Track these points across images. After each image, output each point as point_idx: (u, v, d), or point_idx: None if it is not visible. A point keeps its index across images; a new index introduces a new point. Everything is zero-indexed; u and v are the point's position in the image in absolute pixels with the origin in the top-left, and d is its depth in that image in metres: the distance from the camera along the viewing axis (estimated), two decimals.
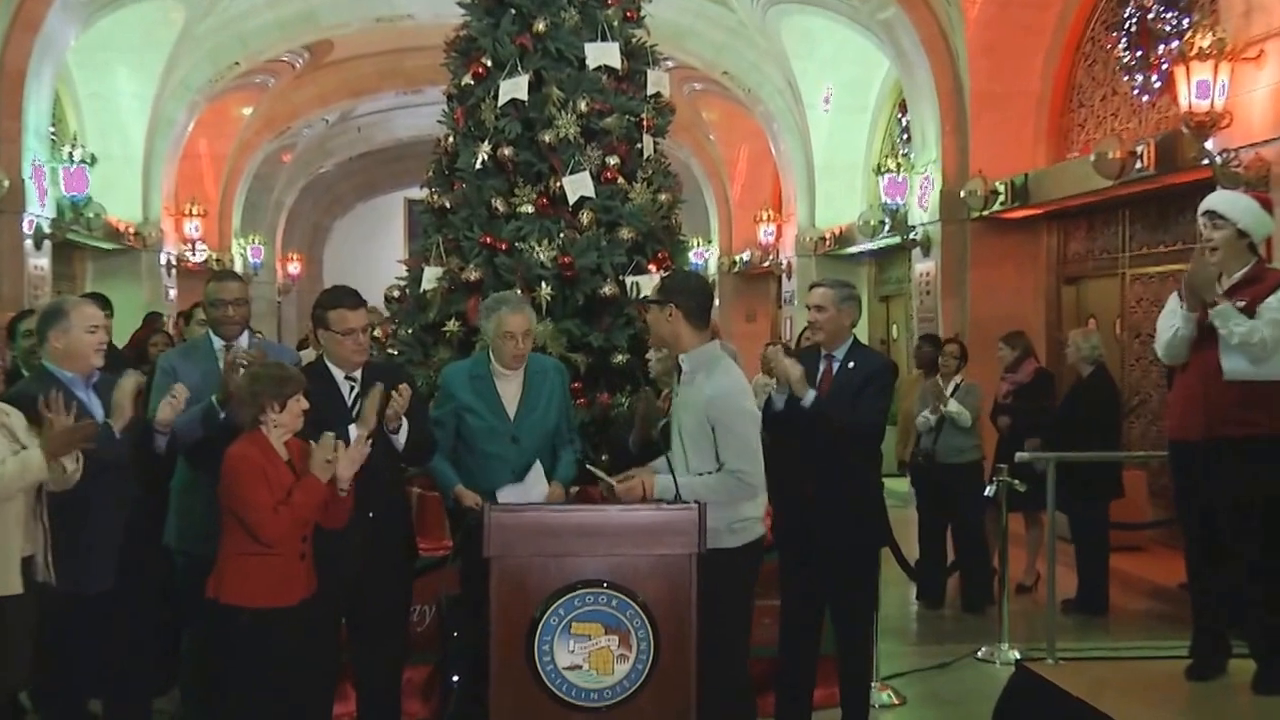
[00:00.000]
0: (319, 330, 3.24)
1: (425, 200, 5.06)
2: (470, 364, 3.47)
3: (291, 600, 2.85)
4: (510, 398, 3.37)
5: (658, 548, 2.73)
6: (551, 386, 3.43)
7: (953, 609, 5.87)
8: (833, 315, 3.63)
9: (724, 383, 3.00)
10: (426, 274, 4.80)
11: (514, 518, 2.76)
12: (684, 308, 3.05)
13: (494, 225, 4.75)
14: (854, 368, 3.58)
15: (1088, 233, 8.32)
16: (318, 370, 3.26)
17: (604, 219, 4.76)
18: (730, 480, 2.94)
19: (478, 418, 3.34)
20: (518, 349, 3.34)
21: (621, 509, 2.82)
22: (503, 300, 3.43)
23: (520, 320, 3.34)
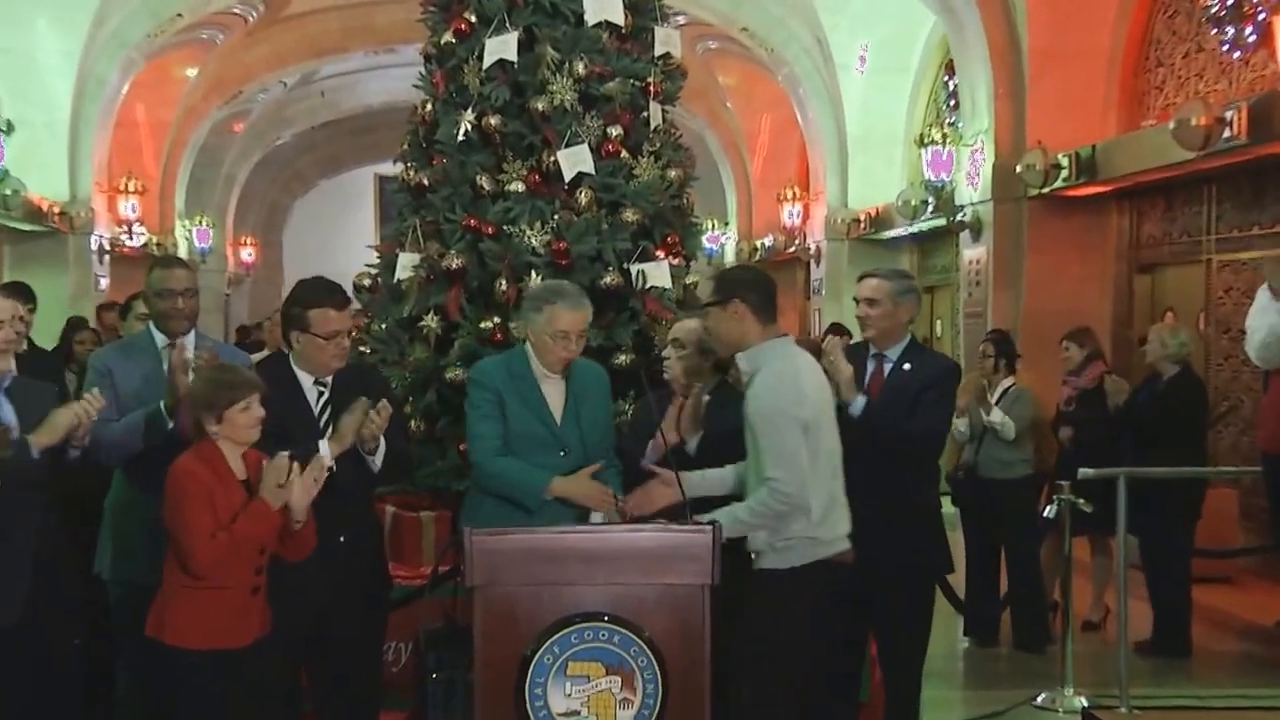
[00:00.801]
0: (293, 331, 3.24)
1: (400, 177, 5.10)
2: (505, 360, 3.37)
3: (244, 641, 2.85)
4: (555, 404, 3.30)
5: (666, 576, 2.75)
6: (597, 392, 3.38)
7: (1006, 647, 5.88)
8: (887, 310, 3.62)
9: (767, 380, 3.04)
10: (401, 261, 4.84)
11: (500, 541, 2.78)
12: (750, 302, 3.10)
13: (478, 206, 4.78)
14: (911, 370, 3.58)
15: (1165, 213, 8.32)
16: (280, 373, 3.25)
17: (605, 199, 4.79)
18: (763, 495, 2.96)
19: (523, 423, 3.25)
20: (569, 350, 3.25)
21: (625, 530, 2.84)
22: (558, 292, 3.29)
23: (578, 318, 3.24)
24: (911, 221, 10.34)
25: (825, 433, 3.07)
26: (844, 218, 11.67)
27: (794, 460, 2.97)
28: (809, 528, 3.01)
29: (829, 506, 3.06)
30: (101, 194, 11.94)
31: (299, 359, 3.27)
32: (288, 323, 3.26)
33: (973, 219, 9.06)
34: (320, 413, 3.27)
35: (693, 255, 5.18)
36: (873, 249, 11.48)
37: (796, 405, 3.00)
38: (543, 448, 3.25)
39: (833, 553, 3.06)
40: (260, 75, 14.12)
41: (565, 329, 3.22)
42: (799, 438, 2.97)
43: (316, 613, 3.13)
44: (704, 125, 14.64)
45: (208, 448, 2.91)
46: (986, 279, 8.92)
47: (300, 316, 3.23)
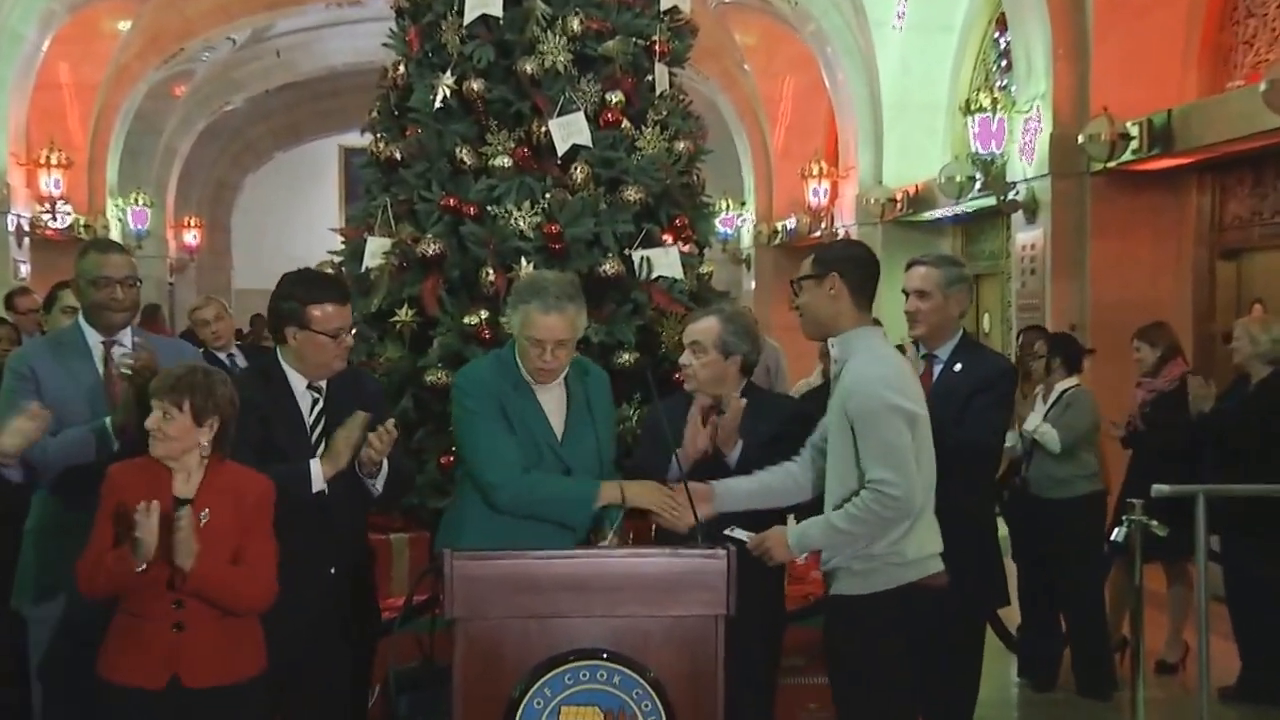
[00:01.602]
0: (289, 328, 3.28)
1: (368, 150, 5.14)
2: (495, 363, 3.36)
3: (155, 684, 2.87)
4: (555, 416, 3.30)
5: (673, 607, 2.78)
6: (596, 397, 3.35)
7: (1066, 691, 5.89)
8: (938, 304, 3.67)
9: (865, 369, 3.05)
10: (370, 247, 4.87)
11: (485, 566, 2.80)
12: (850, 280, 3.12)
13: (459, 183, 4.82)
14: (961, 371, 3.64)
15: (1254, 189, 8.31)
16: (269, 375, 3.30)
17: (603, 175, 4.82)
18: (867, 499, 2.98)
19: (520, 440, 3.23)
20: (544, 362, 3.22)
21: (627, 555, 2.86)
22: (534, 289, 3.23)
23: (555, 325, 3.18)
24: (956, 201, 10.35)
25: (925, 435, 3.09)
26: (878, 197, 11.69)
27: (903, 458, 2.98)
28: (892, 546, 3.04)
29: (924, 521, 3.10)
30: (19, 167, 11.97)
31: (294, 359, 3.31)
32: (281, 318, 3.29)
33: (1027, 198, 9.08)
34: (314, 423, 3.31)
35: (704, 240, 5.21)
36: (911, 233, 11.49)
37: (902, 396, 3.02)
38: (544, 466, 3.23)
39: (921, 575, 3.08)
40: (204, 30, 14.15)
41: (538, 336, 3.19)
42: (906, 433, 3.00)
43: (296, 653, 3.17)
44: (717, 90, 14.68)
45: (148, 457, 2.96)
46: (1043, 267, 8.94)
47: (296, 311, 3.27)
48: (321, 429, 3.29)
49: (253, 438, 3.14)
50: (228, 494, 2.94)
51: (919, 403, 3.09)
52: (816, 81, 12.87)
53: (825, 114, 13.43)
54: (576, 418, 3.30)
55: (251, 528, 2.93)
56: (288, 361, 3.31)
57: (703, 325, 3.56)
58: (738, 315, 3.65)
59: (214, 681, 2.89)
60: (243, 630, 2.96)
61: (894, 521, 3.01)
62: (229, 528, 2.91)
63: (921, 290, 3.68)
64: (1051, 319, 8.44)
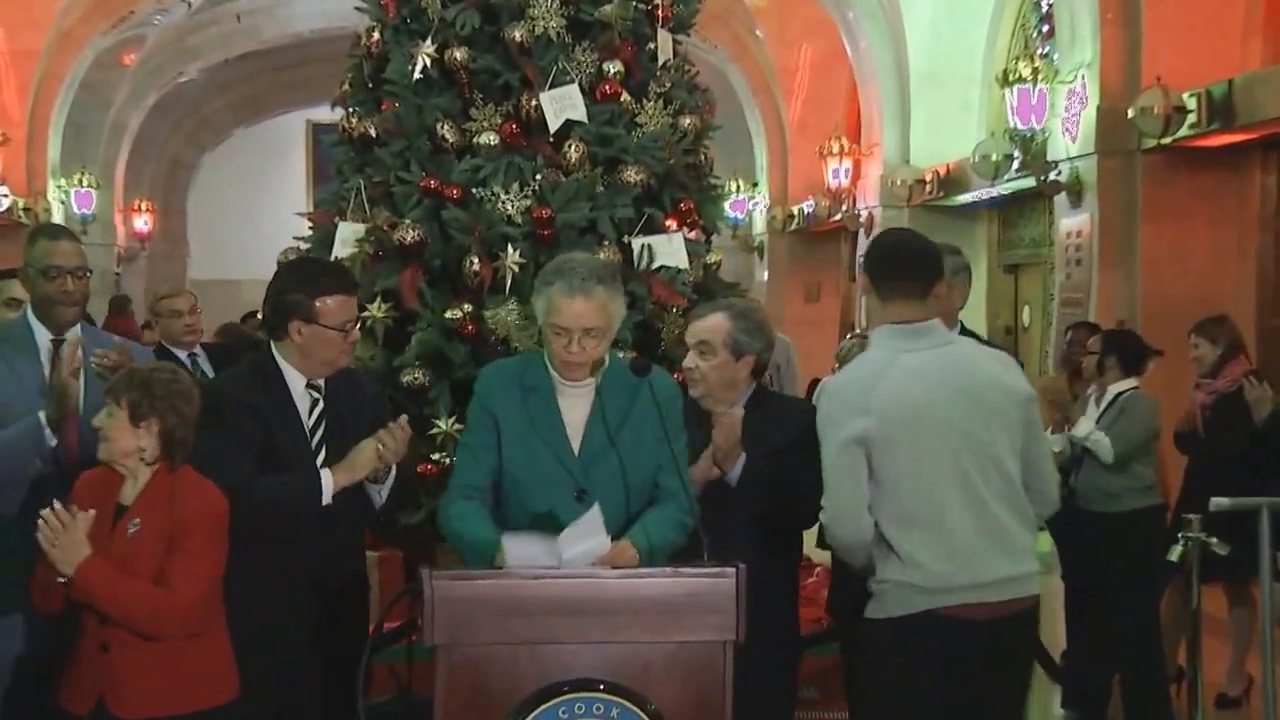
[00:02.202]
0: (292, 322, 3.31)
1: (339, 126, 5.13)
2: (519, 366, 3.29)
3: (81, 708, 2.91)
4: (575, 426, 3.18)
5: (678, 632, 2.79)
6: (643, 410, 3.17)
7: None
8: (941, 294, 3.69)
9: (835, 379, 3.35)
10: (341, 234, 4.88)
11: (470, 587, 2.81)
12: (871, 274, 3.30)
13: (440, 163, 4.82)
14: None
15: None
16: (266, 374, 3.34)
17: (600, 154, 4.83)
18: None
19: (527, 453, 3.15)
20: (571, 353, 3.11)
21: (626, 575, 2.87)
22: (558, 270, 3.14)
23: (581, 310, 3.07)
24: (992, 182, 10.36)
25: (918, 453, 3.12)
26: (905, 178, 11.71)
27: (833, 482, 3.13)
28: (903, 570, 3.11)
29: (938, 545, 3.12)
30: None
31: (296, 356, 3.34)
32: (284, 312, 3.33)
33: (1071, 179, 9.09)
34: (314, 426, 3.34)
35: (711, 226, 5.21)
36: (941, 218, 11.49)
37: (845, 415, 3.13)
38: (549, 488, 3.13)
39: (944, 604, 3.10)
40: None
41: (563, 323, 3.09)
42: (839, 457, 3.12)
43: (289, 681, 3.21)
44: (726, 59, 14.69)
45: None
46: (1089, 255, 8.95)
47: (301, 304, 3.31)
48: (323, 432, 3.33)
49: (253, 443, 3.18)
50: (164, 505, 2.94)
51: (903, 417, 3.12)
52: (837, 49, 12.87)
53: (846, 85, 13.45)
54: (599, 431, 3.15)
55: (179, 544, 2.91)
56: (287, 359, 3.35)
57: (710, 322, 3.52)
58: (749, 310, 3.63)
59: (146, 712, 2.89)
60: (196, 654, 2.95)
61: (840, 549, 3.22)
62: (159, 542, 2.91)
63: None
64: (1097, 313, 8.43)
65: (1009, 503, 3.18)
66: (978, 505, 3.14)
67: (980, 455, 3.16)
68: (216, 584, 3.01)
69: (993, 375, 3.27)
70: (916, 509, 3.12)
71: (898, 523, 3.11)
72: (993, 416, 3.19)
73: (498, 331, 4.50)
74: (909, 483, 3.11)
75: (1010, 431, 3.21)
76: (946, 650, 3.10)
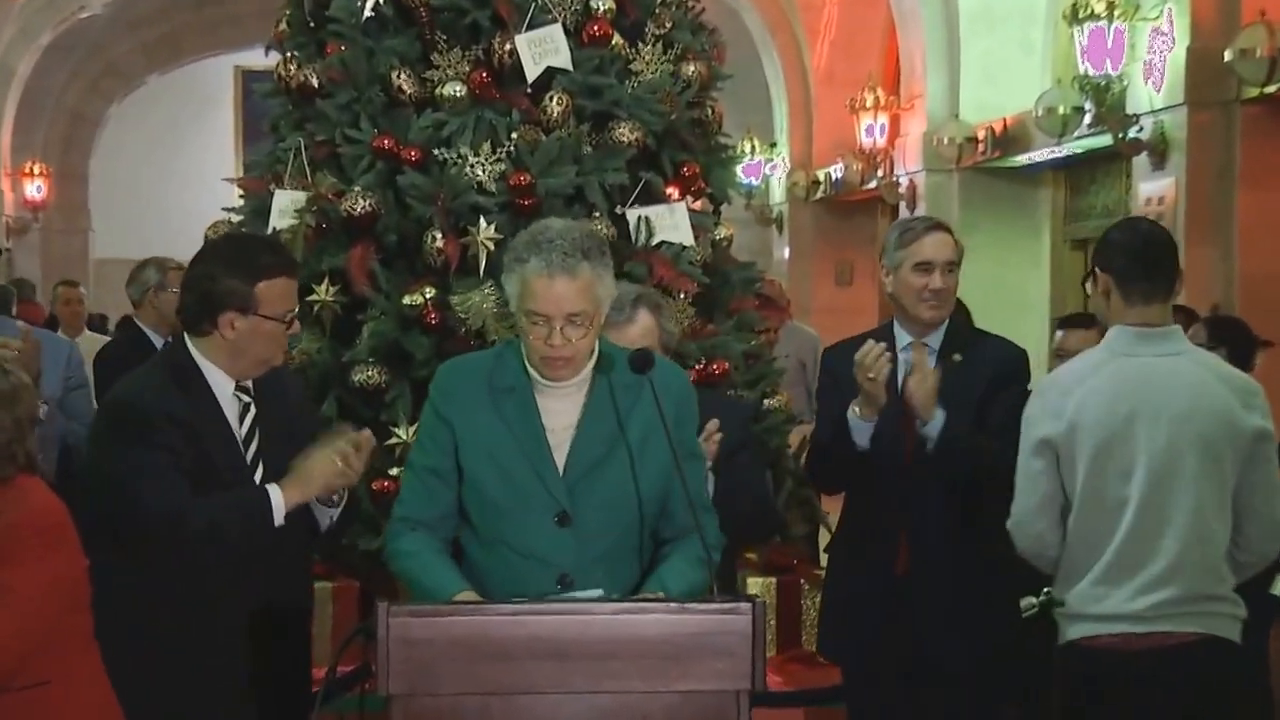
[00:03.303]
0: (224, 314, 3.32)
1: (274, 74, 5.17)
2: (488, 362, 3.22)
3: None
4: (560, 434, 3.14)
5: (681, 679, 2.78)
6: (645, 414, 3.11)
7: None
8: (957, 278, 3.96)
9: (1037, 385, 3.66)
10: (278, 202, 4.90)
11: (432, 626, 2.78)
12: (1114, 272, 3.52)
13: (395, 118, 4.84)
14: (964, 362, 3.91)
15: None
16: (184, 377, 3.35)
17: (588, 108, 4.85)
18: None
19: (499, 470, 3.11)
20: (552, 346, 3.05)
21: (621, 610, 2.88)
22: (536, 242, 3.07)
23: (562, 292, 3.01)
24: (1058, 141, 10.35)
25: (1111, 470, 3.38)
26: (953, 136, 11.67)
27: (1020, 488, 3.46)
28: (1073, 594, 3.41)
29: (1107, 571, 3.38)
30: None
31: (224, 354, 3.35)
32: (214, 303, 3.33)
33: (1154, 136, 9.10)
34: (246, 436, 3.37)
35: (721, 194, 5.24)
36: (997, 183, 11.49)
37: (1041, 414, 3.45)
38: (526, 510, 3.09)
39: (1095, 633, 3.38)
40: None
41: (539, 309, 3.03)
42: (1030, 459, 3.44)
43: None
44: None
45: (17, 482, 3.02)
46: (1175, 227, 8.92)
47: (238, 291, 3.30)
48: (257, 443, 3.35)
49: (184, 460, 3.18)
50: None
51: (1108, 433, 3.38)
52: None
53: (882, 25, 13.43)
54: (591, 441, 3.11)
55: None
56: (210, 358, 3.35)
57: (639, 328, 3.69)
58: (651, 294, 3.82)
59: None
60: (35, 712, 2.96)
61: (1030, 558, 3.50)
62: None
63: (954, 261, 3.93)
64: (1186, 295, 8.44)
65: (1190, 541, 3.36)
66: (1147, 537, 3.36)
67: (1166, 484, 3.36)
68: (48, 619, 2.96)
69: (1214, 400, 3.41)
70: (1088, 531, 3.40)
71: (1075, 540, 3.42)
72: (1195, 445, 3.36)
73: (469, 321, 4.53)
74: (1086, 501, 3.39)
75: (1218, 464, 3.37)
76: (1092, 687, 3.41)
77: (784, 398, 5.20)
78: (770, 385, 5.18)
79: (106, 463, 3.31)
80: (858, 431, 3.80)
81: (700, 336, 4.86)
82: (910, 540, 3.87)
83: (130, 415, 3.24)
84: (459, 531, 3.18)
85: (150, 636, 3.22)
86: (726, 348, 4.91)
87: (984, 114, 11.52)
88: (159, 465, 3.20)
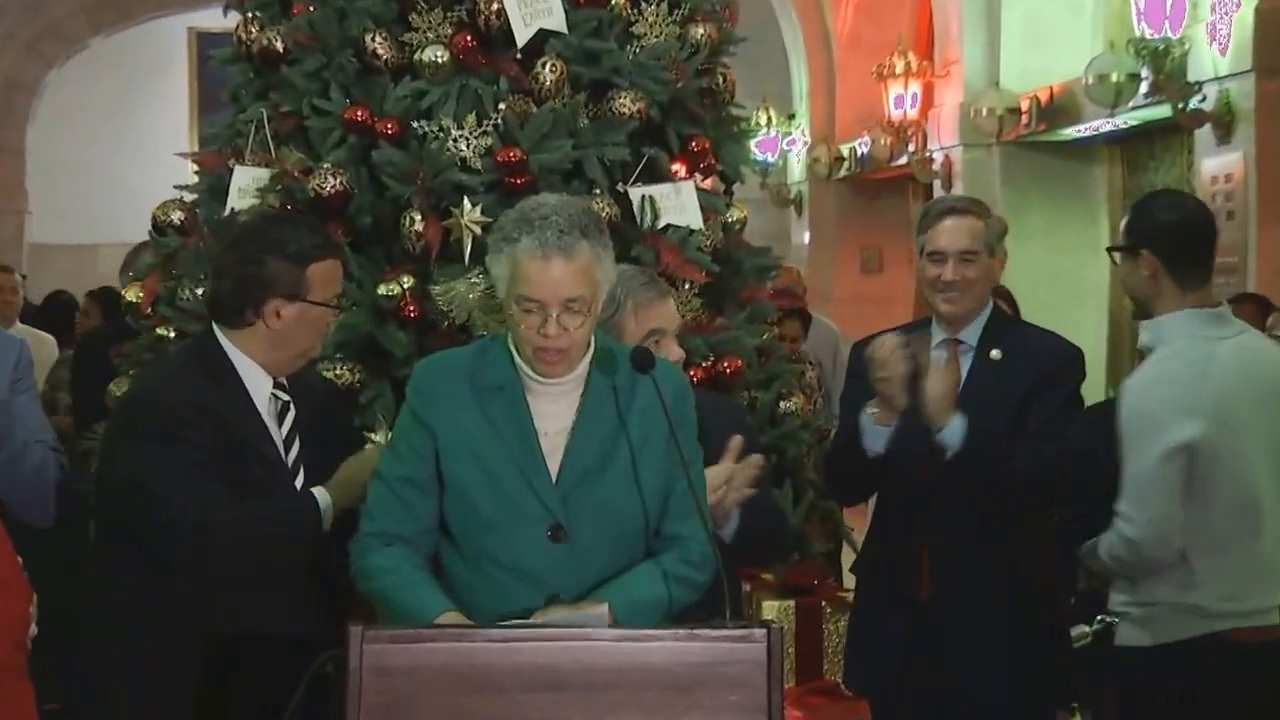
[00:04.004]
0: (271, 301, 3.37)
1: (234, 36, 5.16)
2: (471, 358, 3.23)
3: None
4: (553, 439, 3.15)
5: (690, 712, 2.79)
6: (647, 416, 3.15)
7: None
8: (985, 267, 3.99)
9: (1148, 370, 3.78)
10: (238, 180, 4.90)
11: (410, 653, 2.77)
12: (1162, 254, 3.72)
13: (370, 87, 4.85)
14: (1004, 360, 3.94)
15: None
16: (217, 373, 3.38)
17: (585, 76, 4.86)
18: (1110, 537, 3.70)
19: (487, 478, 3.12)
20: (547, 336, 3.05)
21: (622, 638, 2.89)
22: (528, 220, 3.07)
23: (558, 276, 3.02)
24: (1111, 111, 10.35)
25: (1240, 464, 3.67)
26: (993, 106, 11.67)
27: (1150, 493, 3.63)
28: (1183, 592, 3.65)
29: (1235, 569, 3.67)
30: None
31: (260, 347, 3.40)
32: (258, 289, 3.37)
33: (1219, 106, 9.09)
34: (287, 440, 3.42)
35: (734, 172, 5.25)
36: (1042, 158, 11.52)
37: (1171, 416, 3.63)
38: (516, 523, 3.11)
39: (1230, 626, 3.65)
40: None
41: (532, 293, 3.03)
42: (1162, 464, 3.62)
43: None
44: None
45: None
46: (1244, 207, 8.94)
47: (289, 275, 3.36)
48: (298, 448, 3.41)
49: (217, 464, 3.22)
50: None
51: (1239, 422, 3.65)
52: None
53: None
54: (588, 445, 3.14)
55: None
56: (247, 351, 3.40)
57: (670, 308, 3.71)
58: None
59: None
60: None
61: (1133, 567, 3.68)
62: None
63: (968, 251, 3.94)
64: (1257, 282, 8.45)
65: None
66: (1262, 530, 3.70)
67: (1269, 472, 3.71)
68: None
69: None
70: (1230, 526, 3.66)
71: (1205, 541, 3.64)
72: None
73: (453, 313, 4.53)
74: (1228, 495, 3.65)
75: None
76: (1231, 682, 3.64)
77: (802, 400, 5.19)
78: (786, 385, 5.15)
79: (126, 463, 3.34)
80: (871, 436, 3.83)
81: (708, 330, 4.86)
82: (932, 560, 3.89)
83: (156, 409, 3.27)
84: (439, 547, 3.18)
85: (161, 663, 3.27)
86: (738, 343, 4.90)
87: (1028, 82, 11.53)
88: (191, 466, 3.23)
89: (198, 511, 3.18)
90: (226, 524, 3.22)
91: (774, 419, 4.99)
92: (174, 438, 3.23)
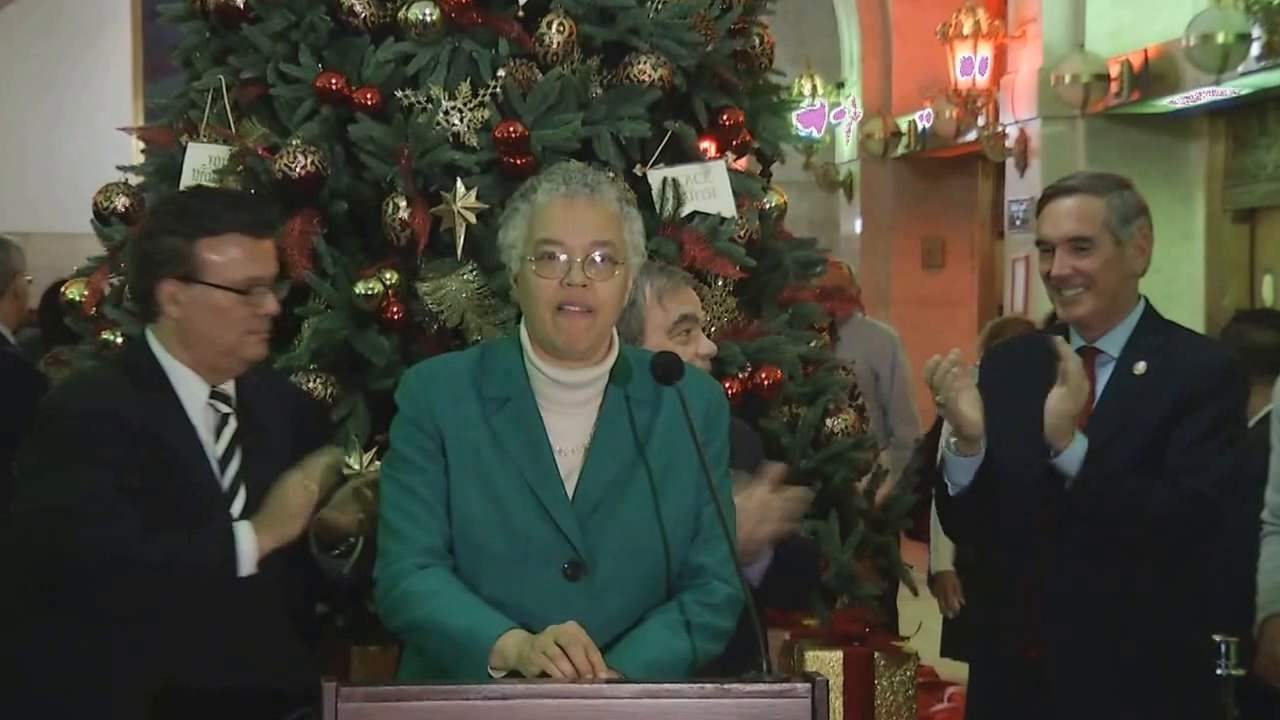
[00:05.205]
0: (163, 284, 3.39)
1: None
2: (472, 364, 3.24)
3: None
4: (570, 457, 3.18)
5: None
6: (672, 433, 3.18)
7: None
8: (1109, 257, 3.88)
9: None
10: (192, 159, 4.94)
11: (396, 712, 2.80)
12: None
13: (344, 50, 4.89)
14: (1149, 374, 3.87)
15: None
16: (142, 378, 3.41)
17: (597, 38, 4.90)
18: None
19: (493, 501, 3.14)
20: (571, 286, 3.06)
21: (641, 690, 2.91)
22: (547, 175, 3.19)
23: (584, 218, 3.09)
24: (1217, 78, 10.39)
25: None
26: (1077, 72, 11.69)
27: None
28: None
29: None
30: None
31: (178, 343, 3.43)
32: (153, 270, 3.40)
33: None
34: (224, 457, 3.44)
35: (772, 150, 5.29)
36: (1134, 132, 11.58)
37: None
38: (527, 558, 3.14)
39: None
40: None
41: (557, 235, 3.06)
42: None
43: None
44: None
45: None
46: None
47: (178, 251, 3.37)
48: (238, 465, 3.42)
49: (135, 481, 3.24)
50: None
51: None
52: None
53: None
54: (604, 471, 3.16)
55: None
56: (170, 351, 3.42)
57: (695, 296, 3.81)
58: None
59: None
60: None
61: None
62: None
63: (1080, 238, 3.84)
64: None
65: None
66: None
67: None
68: None
69: None
70: None
71: None
72: None
73: (443, 315, 4.58)
74: None
75: None
76: None
77: (851, 418, 5.16)
78: (834, 400, 5.14)
79: (34, 484, 3.35)
80: (954, 469, 3.79)
81: (744, 336, 4.88)
82: (1045, 612, 3.84)
83: (70, 422, 3.30)
84: None
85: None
86: (778, 351, 4.91)
87: (1118, 44, 11.54)
88: (102, 486, 3.25)
89: (110, 546, 3.19)
90: (137, 553, 3.22)
91: (818, 440, 5.00)
92: (85, 455, 3.25)
